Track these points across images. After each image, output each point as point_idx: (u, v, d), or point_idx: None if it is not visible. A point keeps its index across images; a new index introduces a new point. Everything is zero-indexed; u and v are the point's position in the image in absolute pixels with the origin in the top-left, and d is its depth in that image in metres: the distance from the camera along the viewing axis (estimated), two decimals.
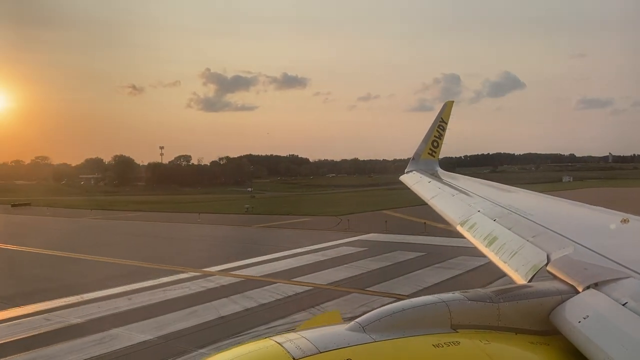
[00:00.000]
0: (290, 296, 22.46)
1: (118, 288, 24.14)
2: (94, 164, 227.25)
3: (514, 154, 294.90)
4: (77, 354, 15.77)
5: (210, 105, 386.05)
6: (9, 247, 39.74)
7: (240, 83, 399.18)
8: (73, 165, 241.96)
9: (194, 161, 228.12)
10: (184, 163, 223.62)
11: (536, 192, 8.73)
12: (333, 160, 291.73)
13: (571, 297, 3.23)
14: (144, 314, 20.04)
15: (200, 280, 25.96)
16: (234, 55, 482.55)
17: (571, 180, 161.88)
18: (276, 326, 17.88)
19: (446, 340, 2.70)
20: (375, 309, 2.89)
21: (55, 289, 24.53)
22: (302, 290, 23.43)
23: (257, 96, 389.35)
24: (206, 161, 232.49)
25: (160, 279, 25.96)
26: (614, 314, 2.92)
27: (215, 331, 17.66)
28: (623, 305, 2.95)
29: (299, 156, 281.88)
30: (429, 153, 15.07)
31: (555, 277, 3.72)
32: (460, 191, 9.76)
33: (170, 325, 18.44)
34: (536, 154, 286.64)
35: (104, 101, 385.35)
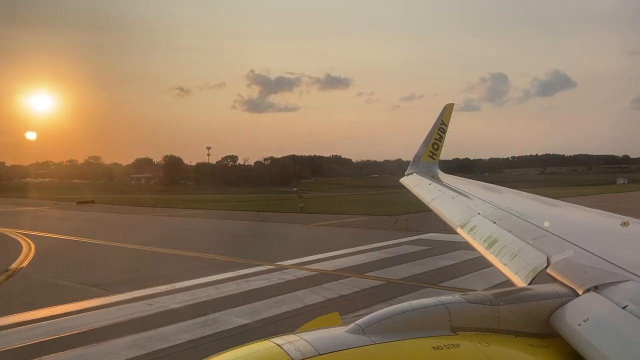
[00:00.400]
0: (366, 289, 23.72)
1: (203, 278, 25.98)
2: (144, 164, 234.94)
3: (563, 155, 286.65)
4: (188, 334, 17.48)
5: (254, 106, 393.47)
6: (93, 241, 42.66)
7: (283, 84, 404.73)
8: (124, 164, 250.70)
9: (240, 161, 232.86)
10: (230, 163, 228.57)
11: (536, 195, 8.64)
12: (376, 161, 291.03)
13: (571, 300, 3.22)
14: (234, 301, 21.72)
15: (277, 272, 27.56)
16: (277, 57, 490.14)
17: (626, 182, 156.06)
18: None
19: (446, 342, 2.71)
20: (375, 311, 2.94)
21: (147, 278, 26.65)
22: (376, 284, 24.66)
23: (300, 97, 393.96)
24: (251, 161, 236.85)
25: (240, 271, 27.70)
26: (614, 317, 2.92)
27: (307, 317, 18.85)
28: (623, 308, 2.95)
29: (342, 157, 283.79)
30: (429, 155, 15.23)
31: (555, 280, 3.71)
32: (461, 194, 9.82)
33: (263, 311, 20.02)
34: (588, 155, 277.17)
35: (152, 103, 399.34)
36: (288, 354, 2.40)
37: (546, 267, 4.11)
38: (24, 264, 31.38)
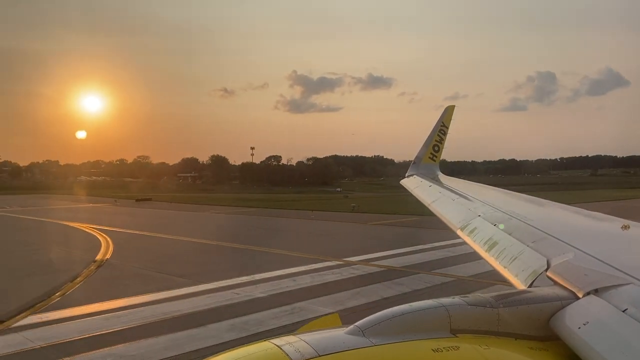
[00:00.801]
0: (438, 285, 24.68)
1: (279, 271, 27.45)
2: (190, 163, 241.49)
3: (615, 157, 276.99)
4: (279, 320, 18.92)
5: (296, 106, 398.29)
6: (163, 235, 44.99)
7: (325, 84, 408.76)
8: (170, 164, 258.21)
9: (284, 161, 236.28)
10: (274, 163, 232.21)
11: (537, 198, 8.63)
12: None
13: (571, 303, 3.23)
14: (314, 292, 23.06)
15: (346, 268, 28.81)
16: (319, 57, 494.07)
17: None
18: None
19: (446, 344, 2.72)
20: (375, 313, 2.95)
21: (225, 270, 28.41)
22: (447, 280, 25.58)
23: (342, 97, 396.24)
24: (294, 161, 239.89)
25: (311, 265, 29.09)
26: (614, 321, 2.92)
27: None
28: (623, 311, 2.95)
29: (384, 157, 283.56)
30: (429, 157, 15.30)
31: (555, 283, 3.72)
32: (461, 195, 9.79)
33: (344, 301, 21.28)
34: None
35: (197, 104, 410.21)
36: (288, 355, 2.41)
37: (546, 269, 4.10)
38: (108, 256, 33.77)
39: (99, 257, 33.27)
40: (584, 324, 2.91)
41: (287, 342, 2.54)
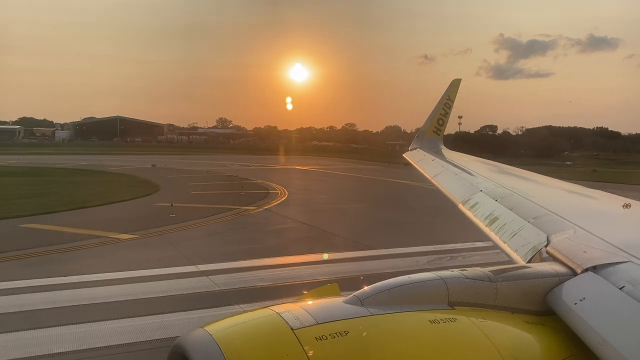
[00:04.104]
0: None
1: None
2: (394, 131, 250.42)
3: None
4: None
5: (500, 72, 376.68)
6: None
7: (536, 48, 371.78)
8: (373, 131, 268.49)
9: (499, 131, 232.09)
10: (489, 133, 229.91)
11: (539, 175, 8.55)
12: None
13: (569, 279, 3.25)
14: None
15: None
16: (531, 18, 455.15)
17: None
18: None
19: (443, 316, 2.73)
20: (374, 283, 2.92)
21: None
22: None
23: (554, 61, 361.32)
24: (510, 131, 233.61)
25: None
26: (611, 297, 2.96)
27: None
28: (620, 289, 2.98)
29: (609, 129, 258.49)
30: (433, 131, 15.22)
31: (554, 259, 3.74)
32: (463, 170, 9.68)
33: None
34: None
35: (397, 72, 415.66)
36: (287, 322, 2.44)
37: (545, 245, 4.14)
38: None
39: None
40: (581, 300, 2.95)
41: (287, 309, 2.57)
